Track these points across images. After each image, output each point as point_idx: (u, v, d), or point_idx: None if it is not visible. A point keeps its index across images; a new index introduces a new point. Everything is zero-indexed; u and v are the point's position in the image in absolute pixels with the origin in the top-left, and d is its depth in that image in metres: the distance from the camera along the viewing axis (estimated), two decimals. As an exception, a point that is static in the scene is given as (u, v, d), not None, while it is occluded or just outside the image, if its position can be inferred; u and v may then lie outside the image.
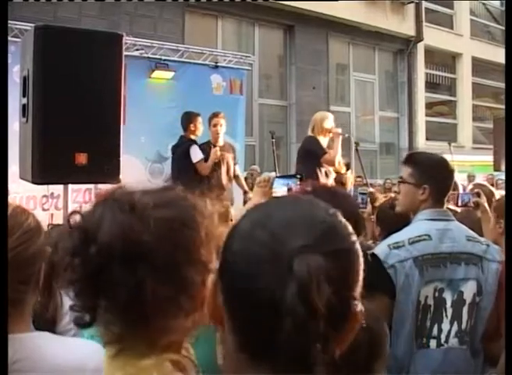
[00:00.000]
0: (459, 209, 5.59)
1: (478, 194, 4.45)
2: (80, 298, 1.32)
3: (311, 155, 7.26)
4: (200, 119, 7.98)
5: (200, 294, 1.33)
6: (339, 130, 7.46)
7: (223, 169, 8.03)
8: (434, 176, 3.08)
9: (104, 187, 1.41)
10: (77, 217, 1.35)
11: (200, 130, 8.01)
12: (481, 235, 3.48)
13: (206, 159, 7.74)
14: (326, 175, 7.58)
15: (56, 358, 1.53)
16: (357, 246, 1.04)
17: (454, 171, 3.23)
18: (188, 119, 7.97)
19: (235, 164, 8.37)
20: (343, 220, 1.05)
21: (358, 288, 1.01)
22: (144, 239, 1.28)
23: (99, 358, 1.39)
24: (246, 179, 10.61)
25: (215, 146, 7.92)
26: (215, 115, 8.10)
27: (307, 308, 0.90)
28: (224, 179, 8.07)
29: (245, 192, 8.61)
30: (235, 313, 1.01)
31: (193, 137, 7.95)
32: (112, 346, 1.34)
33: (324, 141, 7.37)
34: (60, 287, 1.37)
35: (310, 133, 7.48)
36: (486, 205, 4.30)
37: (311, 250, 0.95)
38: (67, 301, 3.26)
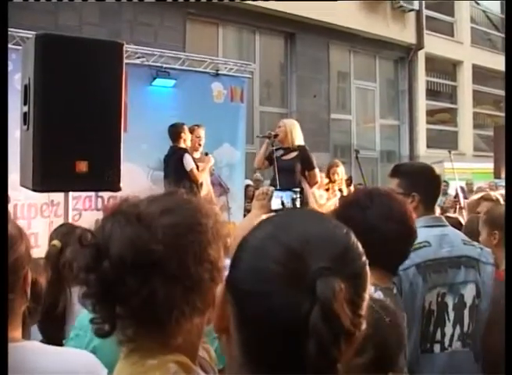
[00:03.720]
0: (460, 217, 5.61)
1: None
2: (98, 311, 1.35)
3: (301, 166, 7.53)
4: (186, 128, 8.11)
5: (211, 293, 1.36)
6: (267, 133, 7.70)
7: (204, 178, 8.21)
8: (420, 184, 3.12)
9: (111, 200, 1.43)
10: (88, 235, 1.38)
11: (189, 139, 8.14)
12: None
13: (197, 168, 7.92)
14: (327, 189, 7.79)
15: (47, 368, 1.53)
16: (367, 266, 1.05)
17: (440, 177, 3.27)
18: (177, 130, 8.15)
19: (211, 174, 8.57)
20: (355, 240, 1.06)
21: (364, 306, 1.02)
22: (154, 247, 1.31)
23: (91, 369, 1.40)
24: (247, 187, 10.63)
25: (192, 156, 8.06)
26: (198, 126, 8.25)
27: (332, 331, 0.92)
28: (204, 190, 8.21)
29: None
30: (244, 327, 1.01)
31: (183, 146, 8.07)
32: (126, 346, 1.39)
33: None
34: (79, 301, 1.40)
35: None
36: None
37: (332, 272, 0.96)
38: (76, 298, 3.28)
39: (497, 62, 19.17)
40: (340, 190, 8.68)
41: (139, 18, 12.28)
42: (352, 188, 8.75)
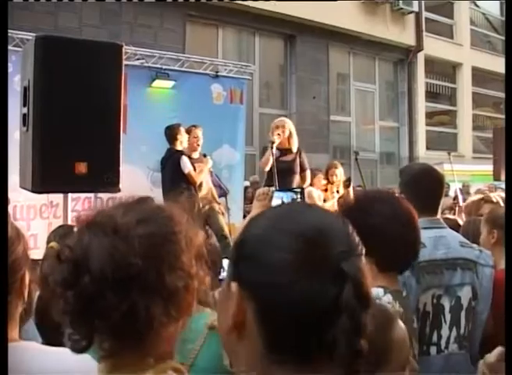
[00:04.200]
0: (459, 219, 5.61)
1: None
2: (76, 327, 1.33)
3: None
4: (183, 130, 8.12)
5: (185, 301, 1.37)
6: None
7: (204, 179, 8.20)
8: (412, 186, 3.12)
9: (110, 201, 1.42)
10: (65, 249, 1.35)
11: (185, 141, 8.14)
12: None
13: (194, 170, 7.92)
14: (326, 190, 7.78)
15: (44, 368, 1.53)
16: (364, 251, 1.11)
17: (440, 178, 3.25)
18: (173, 131, 8.14)
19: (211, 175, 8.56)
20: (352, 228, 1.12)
21: None
22: (132, 260, 1.29)
23: (88, 369, 1.40)
24: (247, 188, 10.64)
25: (190, 157, 8.05)
26: (195, 127, 8.24)
27: (362, 305, 1.00)
28: (204, 190, 8.22)
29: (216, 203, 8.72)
30: (267, 318, 1.04)
31: (180, 148, 8.09)
32: (105, 361, 1.36)
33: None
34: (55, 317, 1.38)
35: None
36: None
37: (349, 254, 1.04)
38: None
39: (497, 64, 19.18)
40: (338, 191, 8.69)
41: (139, 19, 12.28)
42: (351, 189, 8.75)
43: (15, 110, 4.21)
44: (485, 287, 3.00)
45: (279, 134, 7.73)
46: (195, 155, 8.33)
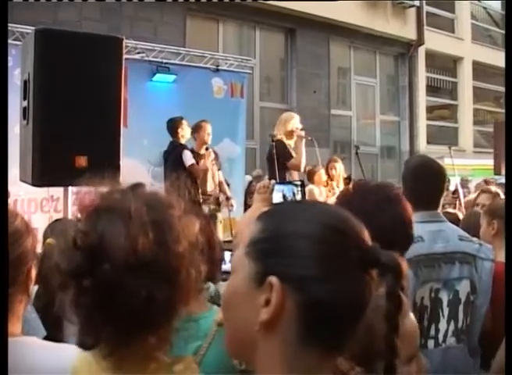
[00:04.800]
0: (459, 213, 5.61)
1: None
2: (89, 323, 1.31)
3: (276, 159, 7.37)
4: (185, 123, 8.11)
5: (185, 289, 1.37)
6: (303, 133, 7.56)
7: (209, 174, 8.15)
8: (412, 179, 3.12)
9: (86, 195, 1.37)
10: (80, 235, 1.31)
11: (188, 134, 8.14)
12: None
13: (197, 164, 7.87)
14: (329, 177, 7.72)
15: (45, 364, 1.51)
16: None
17: (441, 172, 3.23)
18: (175, 124, 8.15)
19: (218, 170, 8.50)
20: None
21: None
22: (146, 246, 1.29)
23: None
24: (251, 183, 10.64)
25: (198, 153, 8.03)
26: (205, 122, 8.22)
27: (401, 289, 1.06)
28: (211, 184, 8.19)
29: (227, 198, 8.70)
30: (309, 311, 1.05)
31: (182, 141, 8.09)
32: (110, 359, 1.34)
33: (289, 142, 7.53)
34: (63, 311, 1.33)
35: (275, 132, 7.62)
36: None
37: (376, 246, 1.09)
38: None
39: (497, 58, 19.15)
40: (338, 187, 8.68)
41: (139, 13, 12.26)
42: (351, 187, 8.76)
43: (15, 104, 4.20)
44: (484, 281, 2.99)
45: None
46: (203, 150, 8.30)
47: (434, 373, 2.78)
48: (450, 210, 6.42)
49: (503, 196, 4.85)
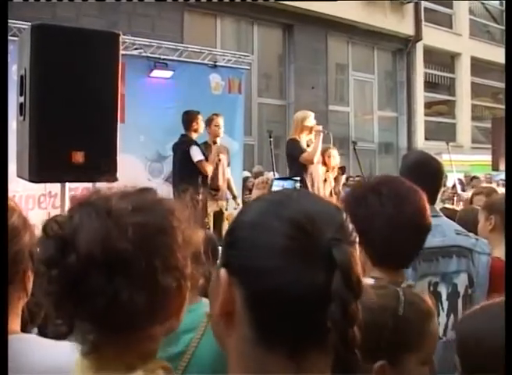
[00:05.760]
0: (458, 208, 5.62)
1: None
2: (58, 310, 1.29)
3: (292, 159, 7.42)
4: (201, 117, 8.10)
5: (175, 301, 1.32)
6: (320, 128, 7.61)
7: (220, 169, 8.13)
8: (410, 174, 3.12)
9: (80, 193, 1.38)
10: (54, 225, 1.30)
11: (202, 128, 8.12)
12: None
13: (206, 159, 7.82)
14: (325, 180, 7.72)
15: (41, 363, 1.51)
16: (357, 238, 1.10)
17: (438, 167, 3.24)
18: (190, 117, 8.11)
19: (228, 165, 8.50)
20: (346, 215, 1.10)
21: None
22: (121, 246, 1.24)
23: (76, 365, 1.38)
24: (248, 178, 10.65)
25: (210, 146, 8.03)
26: (217, 115, 8.20)
27: (352, 294, 0.98)
28: (220, 179, 8.17)
29: (234, 197, 8.71)
30: (257, 304, 1.02)
31: (194, 135, 8.08)
32: (89, 357, 1.32)
33: (307, 138, 7.58)
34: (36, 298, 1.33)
35: (293, 134, 7.66)
36: None
37: (340, 241, 1.01)
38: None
39: (496, 54, 19.17)
40: (336, 179, 8.67)
41: (137, 9, 12.26)
42: (343, 178, 8.79)
43: (12, 100, 4.20)
44: (481, 275, 3.00)
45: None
46: (218, 143, 8.32)
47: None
48: (448, 206, 6.45)
49: (499, 191, 4.85)
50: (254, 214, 1.08)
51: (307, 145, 7.72)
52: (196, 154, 7.83)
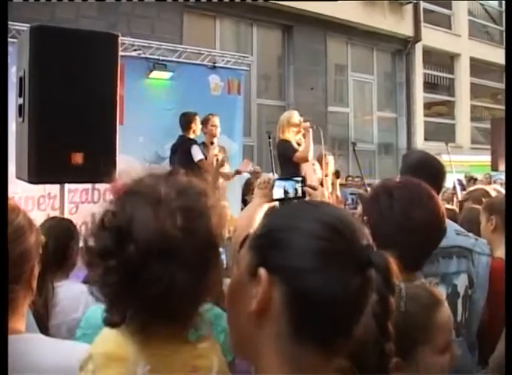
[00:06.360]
0: (457, 209, 5.61)
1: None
2: (116, 299, 1.33)
3: (285, 159, 7.40)
4: (198, 119, 8.10)
5: (215, 277, 1.39)
6: (308, 124, 7.59)
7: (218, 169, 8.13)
8: (411, 174, 3.12)
9: (107, 193, 1.41)
10: (109, 215, 1.33)
11: (199, 130, 8.12)
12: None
13: (206, 159, 7.83)
14: (321, 184, 7.72)
15: (45, 362, 1.51)
16: None
17: (440, 167, 3.22)
18: (188, 119, 8.12)
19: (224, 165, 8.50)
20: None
21: None
22: (173, 231, 1.29)
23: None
24: (249, 180, 10.64)
25: (208, 146, 8.03)
26: (213, 115, 8.21)
27: (390, 290, 1.07)
28: (219, 179, 8.16)
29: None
30: (297, 302, 1.06)
31: (192, 136, 8.07)
32: (138, 334, 1.35)
33: (297, 138, 7.59)
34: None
35: (281, 135, 7.63)
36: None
37: (372, 247, 1.10)
38: (62, 295, 3.27)
39: (495, 54, 19.19)
40: (333, 184, 8.68)
41: (136, 10, 12.25)
42: (337, 182, 8.83)
43: (11, 101, 4.19)
44: (481, 276, 2.99)
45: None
46: (215, 143, 8.30)
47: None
48: (448, 206, 6.44)
49: (492, 193, 4.81)
50: (289, 217, 1.14)
51: (298, 144, 7.70)
52: (197, 153, 7.84)
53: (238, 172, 8.59)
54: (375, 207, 2.35)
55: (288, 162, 7.51)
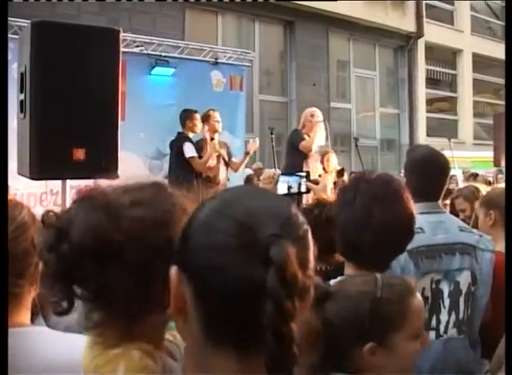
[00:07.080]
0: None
1: None
2: (56, 289, 1.35)
3: (292, 147, 7.49)
4: (197, 116, 8.13)
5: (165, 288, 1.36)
6: (320, 118, 7.72)
7: (220, 164, 8.14)
8: (413, 171, 3.11)
9: (85, 187, 1.44)
10: (52, 216, 1.38)
11: (198, 127, 8.13)
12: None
13: (200, 157, 7.84)
14: (324, 169, 7.75)
15: (49, 355, 1.52)
16: (309, 233, 1.09)
17: (444, 163, 3.20)
18: (186, 116, 8.12)
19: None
20: (296, 210, 1.10)
21: (311, 268, 1.07)
22: (115, 238, 1.30)
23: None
24: (250, 175, 10.65)
25: (212, 140, 8.03)
26: (213, 110, 8.21)
27: (287, 290, 0.96)
28: (221, 174, 8.18)
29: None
30: (202, 302, 1.03)
31: (190, 133, 8.09)
32: (91, 334, 1.39)
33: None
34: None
35: (299, 127, 7.76)
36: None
37: (281, 237, 1.00)
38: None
39: (497, 50, 19.14)
40: (335, 182, 8.68)
41: (138, 6, 12.24)
42: (341, 180, 8.81)
43: (13, 97, 4.19)
44: (485, 272, 2.98)
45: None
46: (216, 139, 8.29)
47: (435, 364, 2.79)
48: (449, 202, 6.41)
49: (483, 191, 4.77)
50: (204, 213, 1.08)
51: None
52: (188, 150, 7.85)
53: (247, 153, 8.59)
54: (340, 196, 2.38)
55: (294, 150, 7.59)
